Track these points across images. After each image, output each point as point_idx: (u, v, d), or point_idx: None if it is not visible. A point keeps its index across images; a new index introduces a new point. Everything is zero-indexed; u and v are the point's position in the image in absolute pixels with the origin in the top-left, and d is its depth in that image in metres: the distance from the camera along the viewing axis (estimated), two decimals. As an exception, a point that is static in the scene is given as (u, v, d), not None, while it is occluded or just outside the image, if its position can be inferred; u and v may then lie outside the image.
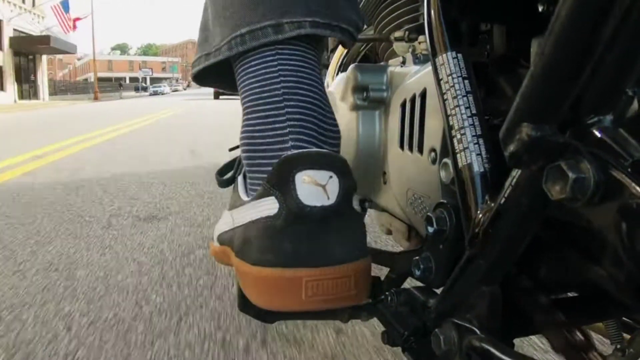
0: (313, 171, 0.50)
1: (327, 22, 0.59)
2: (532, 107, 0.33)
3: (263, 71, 0.59)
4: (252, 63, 0.60)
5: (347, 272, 0.51)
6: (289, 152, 0.53)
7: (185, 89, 71.64)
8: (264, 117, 0.57)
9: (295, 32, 0.58)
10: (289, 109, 0.56)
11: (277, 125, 0.56)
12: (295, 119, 0.56)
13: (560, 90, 0.32)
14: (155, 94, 46.54)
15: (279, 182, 0.50)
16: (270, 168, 0.52)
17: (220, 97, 25.76)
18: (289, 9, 0.58)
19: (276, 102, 0.57)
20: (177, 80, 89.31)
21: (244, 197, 0.58)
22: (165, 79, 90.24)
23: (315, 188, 0.49)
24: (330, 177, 0.50)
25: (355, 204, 0.55)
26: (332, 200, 0.50)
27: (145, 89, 52.32)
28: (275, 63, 0.58)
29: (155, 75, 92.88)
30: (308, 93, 0.59)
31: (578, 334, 0.52)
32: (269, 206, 0.50)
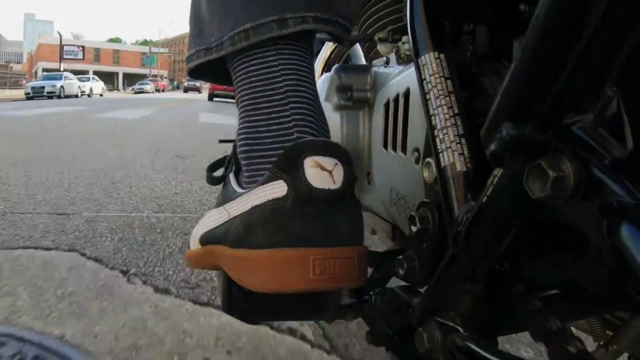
0: (320, 157, 0.51)
1: (327, 17, 0.61)
2: (513, 106, 0.33)
3: (264, 70, 0.60)
4: (253, 62, 0.61)
5: (351, 254, 0.52)
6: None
7: (160, 91, 50.09)
8: (267, 114, 0.58)
9: (299, 27, 0.59)
10: (293, 105, 0.58)
11: (282, 120, 0.58)
12: (298, 114, 0.58)
13: (540, 90, 0.32)
14: (39, 95, 22.29)
15: (288, 166, 0.51)
16: (275, 158, 0.54)
17: (215, 99, 22.66)
18: (290, 4, 0.59)
19: (280, 100, 0.58)
20: (154, 77, 65.87)
21: (240, 190, 0.59)
22: (144, 76, 68.99)
23: (322, 172, 0.51)
24: (336, 163, 0.52)
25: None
26: (337, 185, 0.51)
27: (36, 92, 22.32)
28: (277, 63, 0.60)
29: (131, 70, 75.15)
30: (307, 90, 0.60)
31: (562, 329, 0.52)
32: (277, 189, 0.52)
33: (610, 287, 0.36)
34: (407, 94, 0.62)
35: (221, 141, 0.87)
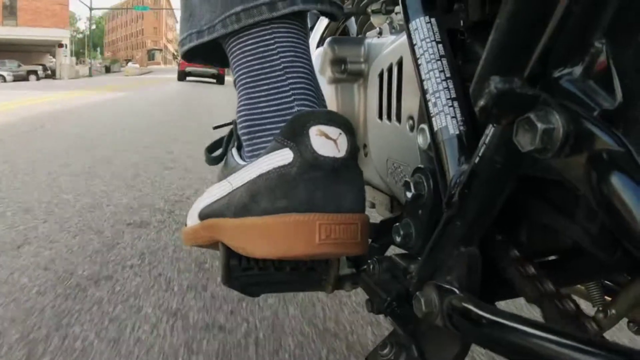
0: (325, 126, 0.53)
1: None
2: (501, 60, 0.33)
3: (262, 49, 0.60)
4: (249, 42, 0.61)
5: (355, 220, 0.54)
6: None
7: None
8: (267, 90, 0.59)
9: (288, 9, 0.59)
10: (291, 80, 0.59)
11: (281, 95, 0.59)
12: (297, 88, 0.59)
13: (527, 43, 0.32)
14: None
15: (294, 135, 0.53)
16: (278, 131, 0.55)
17: (187, 78, 20.67)
18: None
19: (278, 76, 0.59)
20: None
21: (243, 163, 0.60)
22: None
23: (327, 141, 0.52)
24: (340, 133, 0.53)
25: None
26: (342, 153, 0.52)
27: None
28: (273, 42, 0.60)
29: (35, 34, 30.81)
30: (305, 66, 0.61)
31: (566, 300, 0.53)
32: (283, 157, 0.53)
33: (601, 242, 0.36)
34: (400, 63, 0.62)
35: (216, 127, 0.87)
